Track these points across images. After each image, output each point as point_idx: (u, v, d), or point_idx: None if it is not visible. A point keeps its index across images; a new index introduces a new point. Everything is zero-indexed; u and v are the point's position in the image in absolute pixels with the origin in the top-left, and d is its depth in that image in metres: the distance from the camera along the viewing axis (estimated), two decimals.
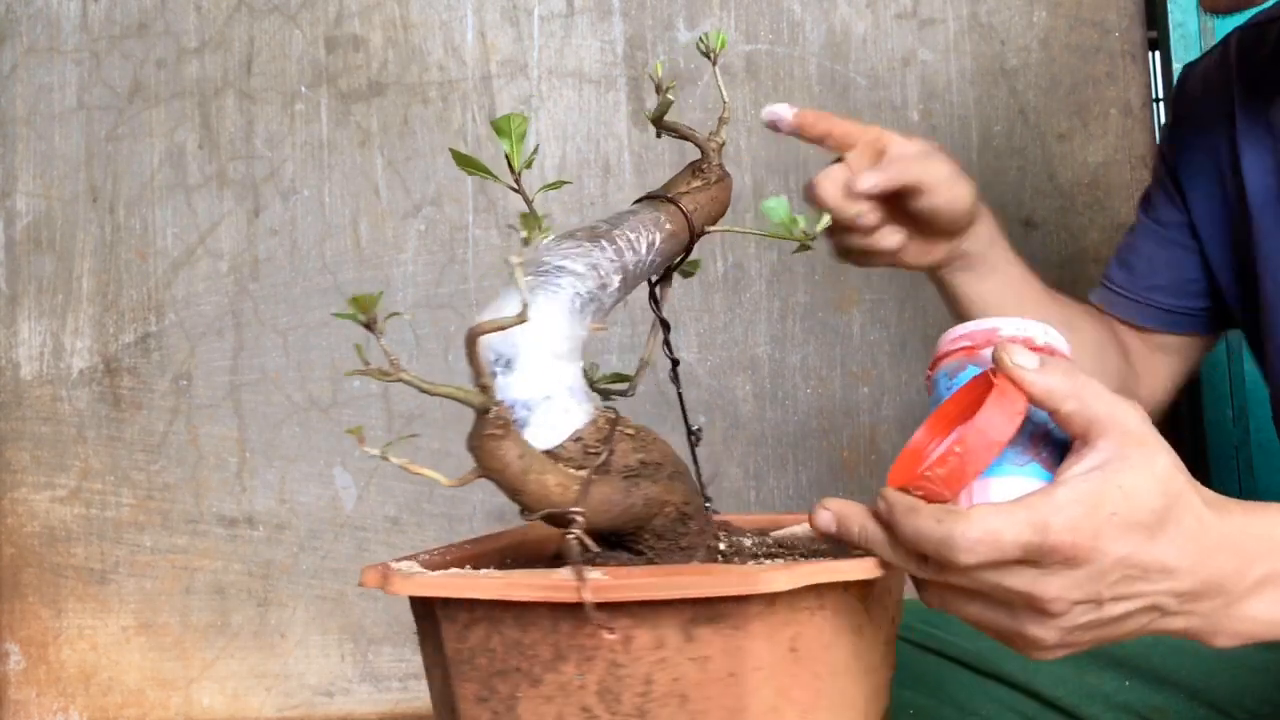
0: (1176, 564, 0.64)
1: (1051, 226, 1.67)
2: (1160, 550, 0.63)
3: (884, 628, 0.73)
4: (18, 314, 1.74)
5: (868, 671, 0.70)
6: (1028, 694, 1.02)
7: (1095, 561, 0.62)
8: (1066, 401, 0.64)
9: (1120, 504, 0.62)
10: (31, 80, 1.74)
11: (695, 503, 0.74)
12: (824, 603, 0.66)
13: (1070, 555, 0.62)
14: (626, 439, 0.70)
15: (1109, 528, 0.62)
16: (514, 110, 1.71)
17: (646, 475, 0.70)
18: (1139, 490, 0.63)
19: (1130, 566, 0.63)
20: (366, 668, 1.70)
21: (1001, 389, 0.65)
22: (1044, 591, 0.63)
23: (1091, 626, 0.65)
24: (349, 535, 1.71)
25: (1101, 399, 0.64)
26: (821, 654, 0.66)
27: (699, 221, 0.79)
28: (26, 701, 1.72)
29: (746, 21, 1.70)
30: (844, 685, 0.68)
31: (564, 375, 0.69)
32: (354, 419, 1.68)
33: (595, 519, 0.67)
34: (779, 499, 1.66)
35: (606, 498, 0.68)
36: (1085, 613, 0.64)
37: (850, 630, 0.68)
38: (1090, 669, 1.01)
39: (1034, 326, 0.71)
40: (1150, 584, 0.64)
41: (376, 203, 1.72)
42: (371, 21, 1.73)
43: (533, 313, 0.66)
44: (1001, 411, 0.64)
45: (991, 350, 0.67)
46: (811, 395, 1.67)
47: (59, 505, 1.72)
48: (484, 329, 0.64)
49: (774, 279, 1.68)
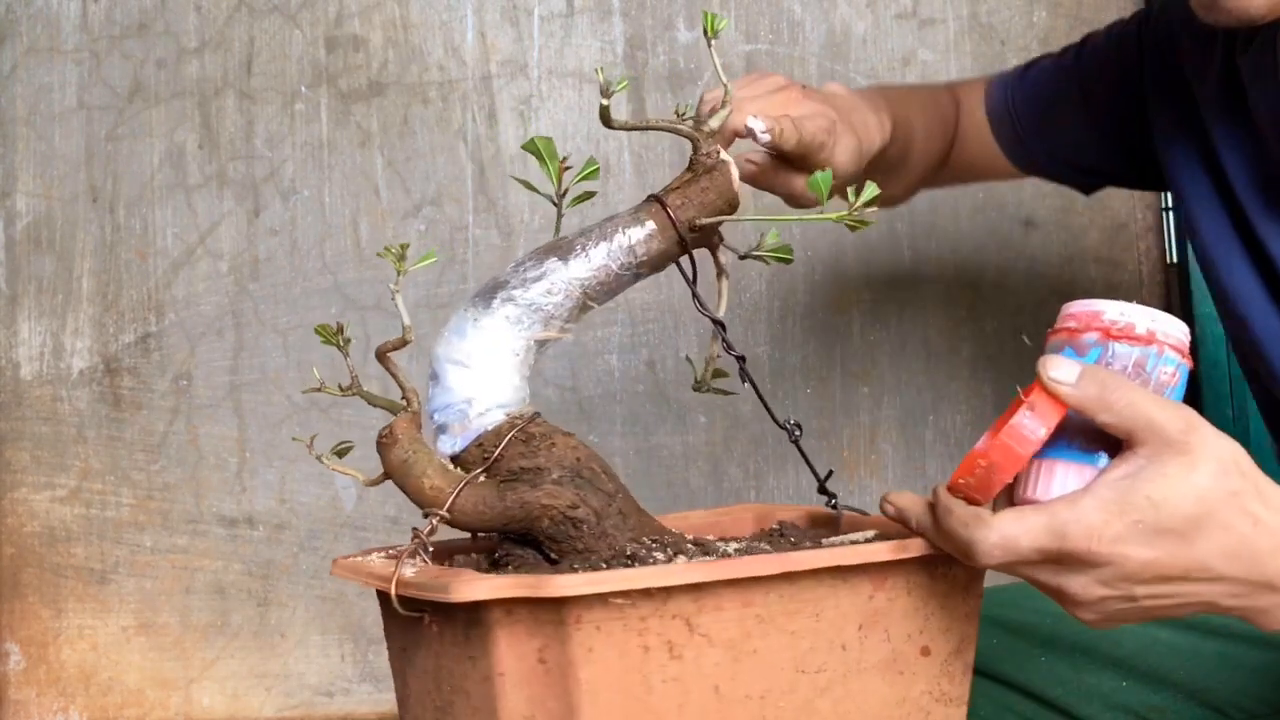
0: (1222, 568, 0.66)
1: (1051, 226, 1.67)
2: (1199, 553, 0.65)
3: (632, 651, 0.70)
4: (18, 314, 1.74)
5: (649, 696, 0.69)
6: (1025, 694, 1.02)
7: (1116, 564, 0.65)
8: (1101, 414, 0.66)
9: (1147, 512, 0.65)
10: (31, 80, 1.74)
11: (596, 507, 0.75)
12: (576, 617, 0.66)
13: (1088, 560, 0.65)
14: (519, 444, 0.74)
15: (1132, 534, 0.65)
16: (514, 110, 1.72)
17: (526, 480, 0.74)
18: (1169, 500, 0.65)
19: (1163, 569, 0.65)
20: (366, 668, 1.70)
21: (1031, 403, 0.68)
22: (1067, 586, 0.67)
23: (1135, 613, 0.68)
24: (349, 535, 1.71)
25: (1139, 408, 0.66)
26: (578, 670, 0.66)
27: (688, 215, 0.78)
28: (26, 701, 1.72)
29: (746, 21, 1.70)
30: (612, 703, 0.67)
31: (481, 385, 0.75)
32: (354, 419, 1.68)
33: (469, 520, 0.74)
34: (779, 499, 1.66)
35: (481, 500, 0.74)
36: (1118, 603, 0.67)
37: (615, 649, 0.67)
38: (1088, 669, 1.01)
39: (1137, 312, 0.71)
40: (1194, 585, 0.66)
41: (376, 203, 1.72)
42: (371, 21, 1.73)
43: (464, 329, 0.75)
44: (1029, 424, 0.67)
45: (1091, 336, 0.70)
46: (811, 395, 1.67)
47: (59, 505, 1.72)
48: (382, 349, 0.77)
49: (774, 279, 1.68)
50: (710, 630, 0.68)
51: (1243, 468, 0.67)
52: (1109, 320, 0.71)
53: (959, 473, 0.69)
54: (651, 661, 0.68)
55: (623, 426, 1.69)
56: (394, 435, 0.76)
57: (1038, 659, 1.02)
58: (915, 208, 1.67)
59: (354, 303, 1.71)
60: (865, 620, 0.72)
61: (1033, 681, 1.02)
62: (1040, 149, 1.22)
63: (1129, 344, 0.70)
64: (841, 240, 1.66)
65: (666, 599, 0.67)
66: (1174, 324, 0.72)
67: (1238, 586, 0.67)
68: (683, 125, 0.79)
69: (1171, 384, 0.71)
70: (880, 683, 0.73)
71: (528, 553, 0.76)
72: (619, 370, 1.70)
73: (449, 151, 1.72)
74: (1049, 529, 0.65)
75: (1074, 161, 1.22)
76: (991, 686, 1.02)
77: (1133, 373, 0.70)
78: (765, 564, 0.70)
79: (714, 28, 0.76)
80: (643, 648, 0.67)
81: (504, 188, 1.71)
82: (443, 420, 0.76)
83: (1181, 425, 0.66)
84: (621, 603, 0.66)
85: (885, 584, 0.72)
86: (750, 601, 0.69)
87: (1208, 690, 0.98)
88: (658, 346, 1.69)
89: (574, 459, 0.75)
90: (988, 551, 0.67)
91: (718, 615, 0.68)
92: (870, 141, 1.01)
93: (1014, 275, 1.68)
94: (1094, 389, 0.67)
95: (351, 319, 1.69)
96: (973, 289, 1.68)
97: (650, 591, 0.67)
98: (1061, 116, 1.19)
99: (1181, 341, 0.72)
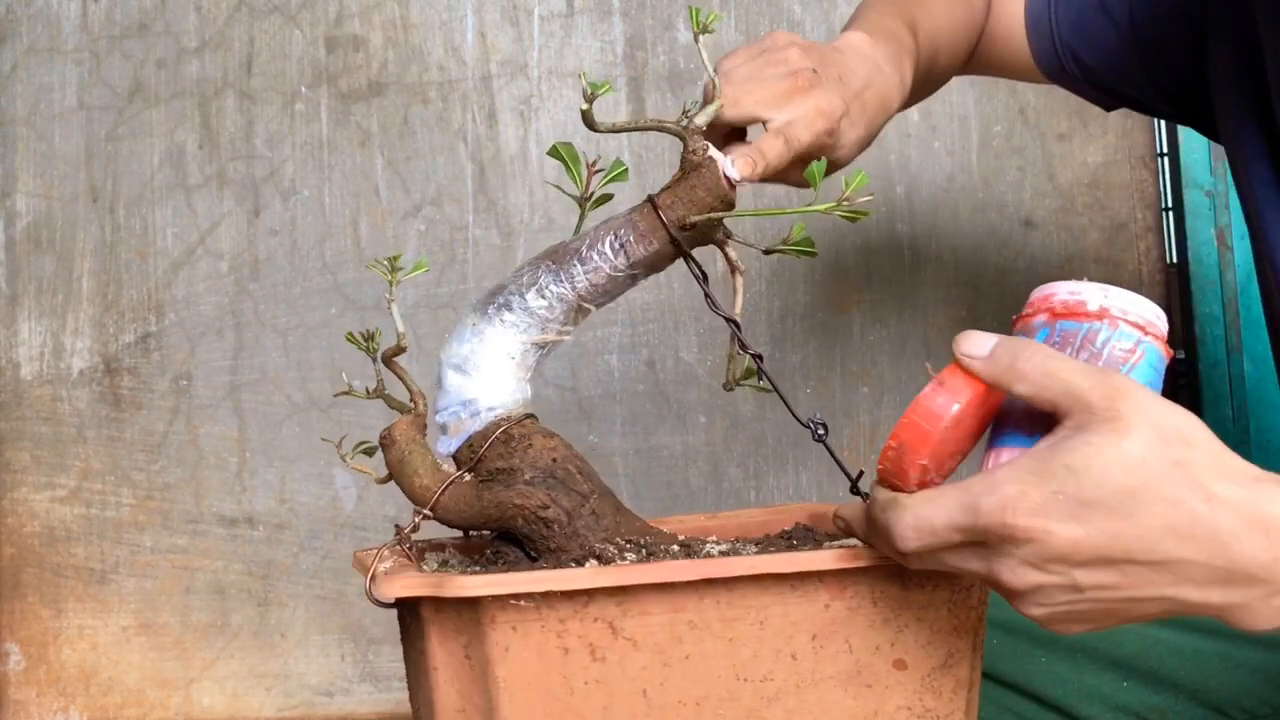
0: (1174, 550, 0.58)
1: (1051, 226, 1.67)
2: (1138, 530, 0.58)
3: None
4: (18, 314, 1.74)
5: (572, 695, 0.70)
6: (1026, 695, 1.02)
7: (1039, 540, 0.59)
8: (1016, 385, 0.62)
9: (1067, 482, 0.59)
10: (31, 80, 1.74)
11: (568, 507, 0.76)
12: (491, 617, 0.68)
13: (1006, 536, 0.60)
14: (500, 445, 0.77)
15: (1053, 506, 0.59)
16: (514, 110, 1.72)
17: (500, 481, 0.76)
18: (1091, 468, 0.58)
19: (1099, 548, 0.59)
20: (366, 668, 1.70)
21: (942, 379, 0.64)
22: (998, 573, 0.61)
23: (1086, 606, 0.61)
24: (349, 535, 1.71)
25: (1056, 376, 0.61)
26: (495, 667, 0.68)
27: (678, 214, 0.77)
28: (26, 701, 1.72)
29: (746, 21, 1.70)
30: (532, 702, 0.69)
31: (479, 388, 0.78)
32: (354, 419, 1.68)
33: (452, 518, 0.77)
34: (779, 499, 1.66)
35: (462, 499, 0.77)
36: (1063, 594, 0.61)
37: (533, 649, 0.68)
38: (1088, 669, 1.01)
39: (1091, 290, 0.67)
40: (1144, 571, 0.59)
41: (376, 203, 1.72)
42: (371, 21, 1.73)
43: (463, 334, 0.78)
44: (938, 401, 0.63)
45: (1041, 318, 0.67)
46: (811, 395, 1.67)
47: (59, 505, 1.72)
48: (386, 354, 0.81)
49: (774, 279, 1.68)
50: (635, 634, 0.68)
51: (1190, 437, 0.59)
52: (1058, 300, 0.67)
53: (879, 459, 0.66)
54: (572, 663, 0.68)
55: (623, 426, 1.69)
56: (392, 437, 0.79)
57: (1038, 659, 1.02)
58: (915, 208, 1.67)
59: (354, 303, 1.71)
60: (820, 630, 0.70)
61: (1032, 682, 1.01)
62: (1075, 67, 1.15)
63: (1076, 320, 0.66)
64: (841, 240, 1.66)
65: (588, 602, 0.67)
66: (1138, 302, 0.67)
67: (1199, 573, 0.59)
68: (670, 123, 0.78)
69: (1130, 360, 0.66)
70: (842, 695, 0.70)
71: (514, 550, 0.78)
72: (619, 370, 1.70)
73: (449, 151, 1.72)
74: (962, 504, 0.61)
75: (1109, 87, 1.16)
76: (991, 687, 1.02)
77: (1081, 349, 0.66)
78: (683, 570, 0.68)
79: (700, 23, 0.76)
80: (562, 649, 0.68)
81: (504, 188, 1.71)
82: (443, 421, 0.79)
83: (1106, 391, 0.59)
84: (525, 605, 0.67)
85: (845, 593, 0.70)
86: (680, 606, 0.68)
87: (1209, 691, 0.98)
88: (658, 346, 1.69)
89: (549, 460, 0.77)
90: (903, 534, 0.63)
91: (643, 620, 0.68)
92: (888, 108, 0.94)
93: (1014, 275, 1.68)
94: (1006, 359, 0.62)
95: (351, 319, 1.69)
96: (973, 289, 1.68)
97: (571, 594, 0.67)
98: (1105, 39, 1.12)
99: (1146, 319, 0.66)
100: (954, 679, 0.72)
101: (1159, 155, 1.71)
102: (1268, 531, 0.58)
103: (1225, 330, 1.63)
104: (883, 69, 0.94)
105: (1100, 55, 1.14)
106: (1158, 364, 0.67)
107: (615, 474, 1.68)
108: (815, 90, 0.86)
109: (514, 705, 0.68)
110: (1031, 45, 1.17)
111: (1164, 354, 0.67)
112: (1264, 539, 0.58)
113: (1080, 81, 1.17)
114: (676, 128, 0.78)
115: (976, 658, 0.74)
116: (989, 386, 0.63)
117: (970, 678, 0.73)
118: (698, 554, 0.76)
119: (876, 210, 1.67)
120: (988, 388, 0.63)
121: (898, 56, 0.97)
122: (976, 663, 0.74)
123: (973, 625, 0.73)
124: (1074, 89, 1.20)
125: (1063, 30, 1.15)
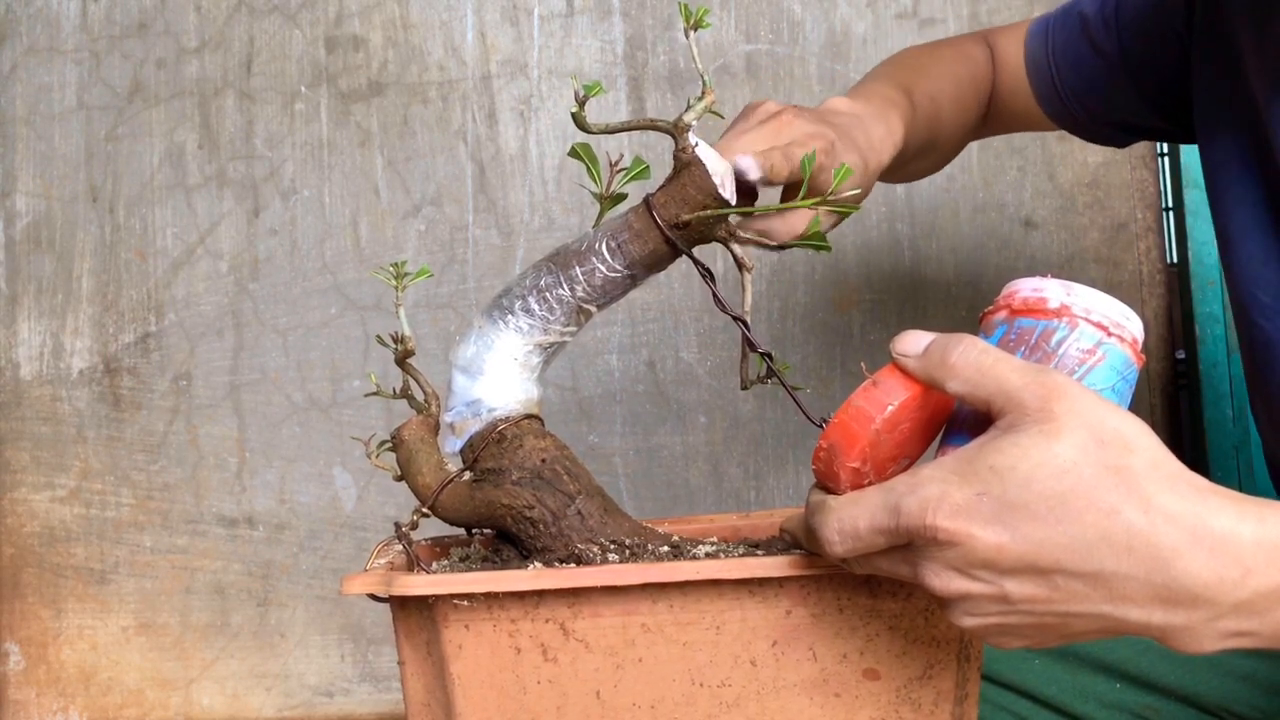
0: (1110, 563, 0.55)
1: (1051, 226, 1.67)
2: (1068, 540, 0.55)
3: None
4: (18, 314, 1.74)
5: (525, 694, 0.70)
6: (1020, 693, 1.02)
7: (963, 544, 0.56)
8: (950, 383, 0.59)
9: (991, 483, 0.55)
10: (31, 80, 1.74)
11: (553, 508, 0.77)
12: (444, 615, 0.69)
13: (928, 538, 0.57)
14: (494, 445, 0.78)
15: (976, 509, 0.56)
16: (514, 110, 1.72)
17: (489, 481, 0.78)
18: (1017, 470, 0.55)
19: (1027, 556, 0.55)
20: (366, 668, 1.70)
21: (876, 379, 0.62)
22: (924, 578, 0.58)
23: (1017, 620, 0.58)
24: (349, 535, 1.71)
25: (989, 373, 0.58)
26: (449, 664, 0.70)
27: (671, 213, 0.77)
28: (26, 701, 1.72)
29: (746, 21, 1.70)
30: (486, 699, 0.70)
31: (483, 390, 0.80)
32: (354, 419, 1.68)
33: (449, 516, 0.79)
34: (779, 499, 1.66)
35: (458, 498, 0.79)
36: (993, 605, 0.58)
37: (486, 648, 0.69)
38: (1082, 671, 1.01)
39: (1054, 287, 0.63)
40: (1077, 584, 0.56)
41: (376, 203, 1.72)
42: (371, 21, 1.73)
43: (469, 337, 0.80)
44: (869, 401, 0.61)
45: (1000, 315, 0.64)
46: (811, 395, 1.67)
47: (59, 505, 1.72)
48: (399, 357, 0.82)
49: (774, 279, 1.68)
50: (588, 636, 0.68)
51: (1131, 443, 0.55)
52: (1019, 297, 0.64)
53: (812, 460, 0.63)
54: (525, 662, 0.69)
55: (623, 426, 1.69)
56: (400, 437, 0.81)
57: (1032, 661, 1.03)
58: (915, 207, 1.67)
59: (354, 303, 1.71)
60: (781, 636, 0.68)
61: (1027, 681, 1.02)
62: (1078, 105, 1.16)
63: (1034, 318, 0.63)
64: (841, 240, 1.66)
65: (539, 602, 0.68)
66: (1105, 302, 0.63)
67: (1137, 590, 0.55)
68: (661, 122, 0.78)
69: (1088, 362, 0.62)
70: (807, 704, 0.69)
71: (510, 548, 0.79)
72: (619, 370, 1.70)
73: (449, 151, 1.72)
74: (885, 505, 0.58)
75: (1116, 120, 1.16)
76: (988, 687, 1.02)
77: (1035, 347, 0.63)
78: (628, 573, 0.67)
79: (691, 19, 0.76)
80: (514, 649, 0.69)
81: (504, 187, 1.71)
82: (451, 421, 0.81)
83: (1040, 390, 0.56)
84: (475, 605, 0.68)
85: (808, 599, 0.68)
86: (632, 610, 0.68)
87: (1200, 696, 0.98)
88: (658, 346, 1.69)
89: (537, 461, 0.78)
90: (829, 539, 0.60)
91: (595, 622, 0.68)
92: (879, 156, 0.94)
93: (1014, 275, 1.67)
94: (938, 355, 0.59)
95: (351, 319, 1.69)
96: (973, 289, 1.68)
97: (522, 594, 0.68)
98: (1099, 72, 1.13)
99: (1112, 320, 0.63)
100: (935, 691, 0.69)
101: (1159, 155, 1.71)
102: (1212, 549, 0.55)
103: (1225, 330, 1.63)
104: (864, 120, 0.94)
105: (1098, 89, 1.15)
106: (1122, 368, 0.63)
107: (615, 474, 1.68)
108: (799, 121, 0.87)
109: (468, 702, 0.69)
110: (1035, 91, 1.18)
111: (1132, 359, 0.63)
112: (1207, 556, 0.55)
113: (1085, 120, 1.18)
114: (668, 126, 0.78)
115: (968, 669, 0.70)
116: (925, 385, 0.61)
117: (957, 691, 0.70)
118: (686, 555, 0.75)
119: (876, 210, 1.67)
120: (925, 388, 0.61)
121: (882, 110, 0.97)
122: (969, 674, 0.70)
123: (957, 635, 0.69)
124: (1084, 133, 1.20)
125: (1061, 71, 1.16)
